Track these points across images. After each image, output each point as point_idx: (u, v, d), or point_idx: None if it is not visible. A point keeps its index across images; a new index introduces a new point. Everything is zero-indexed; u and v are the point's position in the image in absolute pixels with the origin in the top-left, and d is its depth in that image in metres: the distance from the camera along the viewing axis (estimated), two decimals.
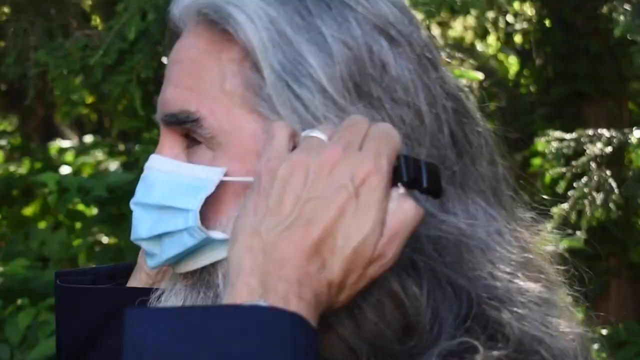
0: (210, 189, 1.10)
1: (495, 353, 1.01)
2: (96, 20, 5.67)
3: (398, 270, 1.04)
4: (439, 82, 1.13)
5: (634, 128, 5.38)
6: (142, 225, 1.15)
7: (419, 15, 5.84)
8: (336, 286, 0.98)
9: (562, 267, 1.24)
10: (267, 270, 0.97)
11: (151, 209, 1.15)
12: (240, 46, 1.10)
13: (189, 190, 1.11)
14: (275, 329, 0.92)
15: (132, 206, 1.16)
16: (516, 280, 1.08)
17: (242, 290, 0.96)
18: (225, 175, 1.11)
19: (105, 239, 5.42)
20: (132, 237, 1.17)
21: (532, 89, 8.25)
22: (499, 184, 1.15)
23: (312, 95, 1.07)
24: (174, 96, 1.14)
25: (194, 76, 1.13)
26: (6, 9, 4.92)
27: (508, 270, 1.08)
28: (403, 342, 1.03)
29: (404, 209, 0.98)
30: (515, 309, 1.05)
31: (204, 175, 1.11)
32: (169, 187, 1.13)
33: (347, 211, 0.97)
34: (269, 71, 1.08)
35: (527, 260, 1.12)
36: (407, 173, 1.00)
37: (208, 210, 1.11)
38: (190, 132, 1.13)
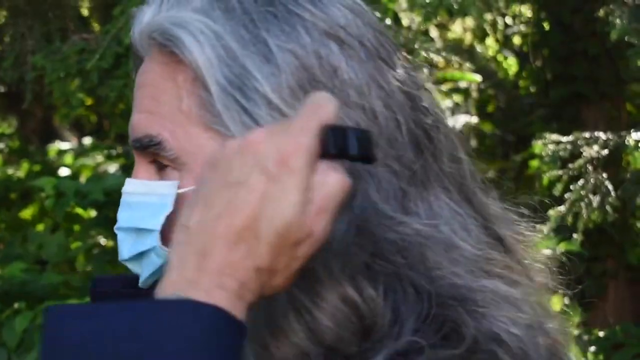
0: (170, 205, 1.11)
1: (441, 353, 1.00)
2: (94, 25, 5.67)
3: (353, 274, 1.03)
4: (395, 81, 1.12)
5: (631, 130, 5.39)
6: (124, 247, 1.19)
7: (417, 18, 5.84)
8: (266, 271, 0.96)
9: (559, 269, 1.24)
10: (191, 263, 0.96)
11: (129, 231, 1.18)
12: (188, 66, 1.11)
13: (156, 210, 1.14)
14: (191, 322, 0.92)
15: (115, 231, 1.19)
16: (480, 278, 1.07)
17: (167, 285, 0.96)
18: (179, 188, 1.13)
19: (103, 241, 5.42)
20: (119, 258, 1.20)
21: (531, 89, 8.26)
22: (464, 179, 1.14)
23: (259, 108, 1.07)
24: (138, 121, 1.16)
25: (154, 100, 1.14)
26: (4, 13, 4.93)
27: (472, 267, 1.07)
28: (362, 344, 1.02)
29: (328, 182, 0.96)
30: (474, 308, 1.04)
31: (165, 191, 1.13)
32: (140, 209, 1.16)
33: (269, 195, 0.96)
34: (215, 87, 1.09)
35: (496, 256, 1.11)
36: (334, 143, 0.98)
37: (173, 227, 1.13)
38: (156, 155, 1.15)
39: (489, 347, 1.02)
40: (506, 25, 8.61)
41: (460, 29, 9.48)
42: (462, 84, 8.97)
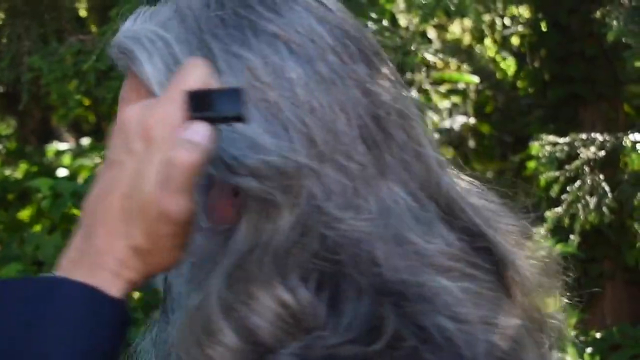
0: None
1: (349, 349, 1.00)
2: (91, 26, 5.68)
3: (287, 274, 1.03)
4: (349, 76, 1.12)
5: (628, 132, 5.39)
6: None
7: (415, 19, 5.84)
8: (143, 250, 0.98)
9: (556, 271, 1.22)
10: (77, 245, 0.99)
11: None
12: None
13: None
14: (60, 298, 0.95)
15: None
16: (423, 273, 1.05)
17: (58, 268, 1.00)
18: None
19: None
20: None
21: (529, 90, 8.27)
22: (428, 173, 1.13)
23: None
24: None
25: None
26: (1, 14, 4.94)
27: (419, 262, 1.05)
28: (294, 343, 1.02)
29: (177, 157, 0.96)
30: (407, 303, 1.02)
31: None
32: None
33: (135, 172, 0.97)
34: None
35: (449, 250, 1.09)
36: (196, 107, 0.98)
37: None
38: None
39: (412, 343, 1.00)
40: (504, 26, 8.62)
41: (458, 29, 9.49)
42: (460, 85, 8.98)
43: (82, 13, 5.86)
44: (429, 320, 1.01)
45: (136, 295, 4.34)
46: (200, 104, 0.98)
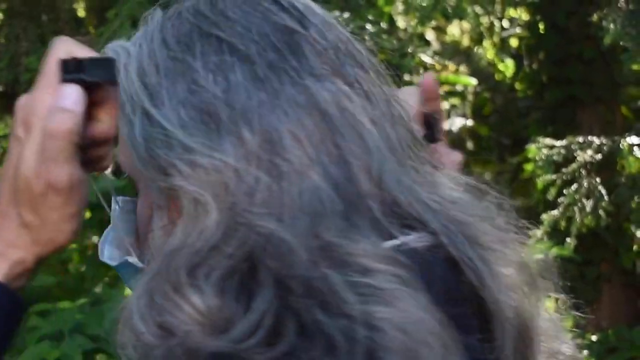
0: (115, 219, 1.18)
1: (212, 346, 1.01)
2: (89, 27, 5.68)
3: (197, 273, 1.04)
4: (288, 73, 1.13)
5: (625, 135, 5.41)
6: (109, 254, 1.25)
7: (413, 21, 5.85)
8: (33, 227, 1.04)
9: (553, 273, 1.22)
10: None
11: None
12: None
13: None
14: None
15: None
16: (321, 267, 1.05)
17: None
18: (126, 202, 1.19)
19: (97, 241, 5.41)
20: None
21: (528, 92, 8.29)
22: (369, 171, 1.13)
23: (140, 119, 1.12)
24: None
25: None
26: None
27: (321, 258, 1.05)
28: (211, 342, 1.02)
29: (50, 127, 1.01)
30: (295, 298, 1.03)
31: (116, 205, 1.20)
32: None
33: (18, 155, 1.03)
34: (123, 104, 1.14)
35: (373, 248, 1.08)
36: (67, 72, 1.02)
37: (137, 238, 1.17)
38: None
39: (291, 339, 1.00)
40: (502, 29, 8.64)
41: (457, 32, 9.51)
42: (458, 87, 9.00)
43: (80, 14, 5.87)
44: (310, 316, 1.00)
45: None
46: (74, 70, 1.03)
